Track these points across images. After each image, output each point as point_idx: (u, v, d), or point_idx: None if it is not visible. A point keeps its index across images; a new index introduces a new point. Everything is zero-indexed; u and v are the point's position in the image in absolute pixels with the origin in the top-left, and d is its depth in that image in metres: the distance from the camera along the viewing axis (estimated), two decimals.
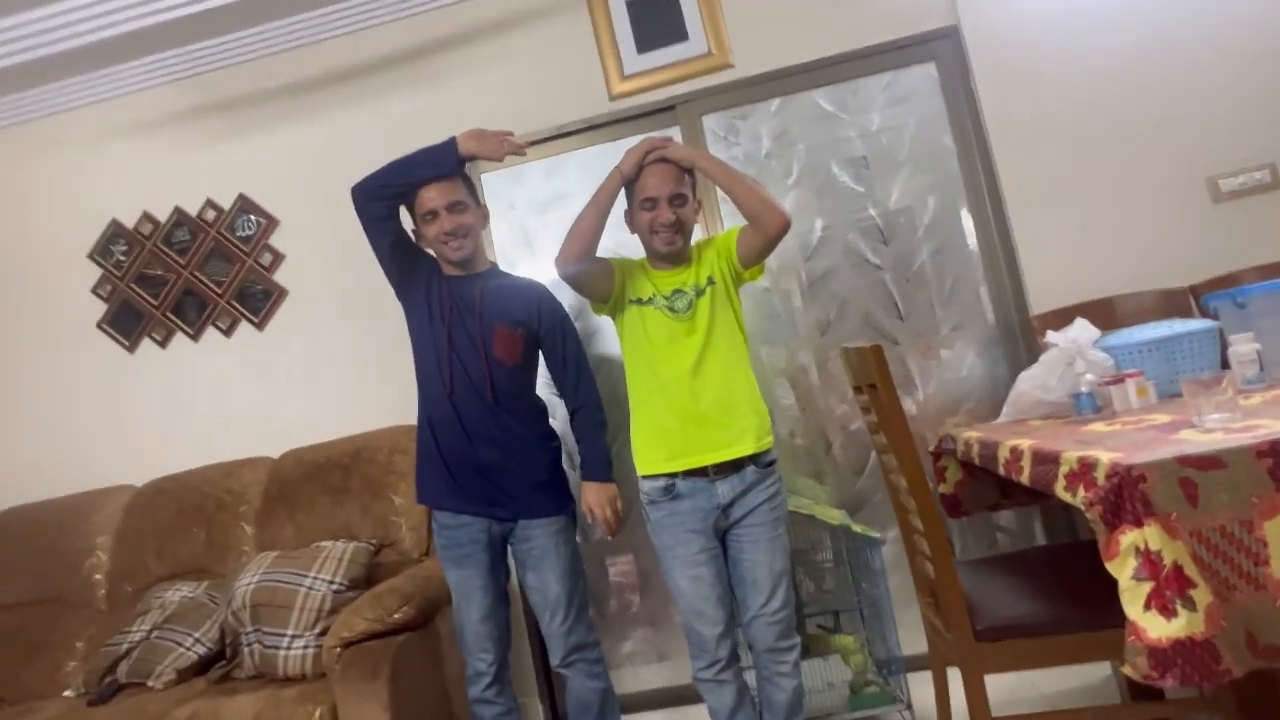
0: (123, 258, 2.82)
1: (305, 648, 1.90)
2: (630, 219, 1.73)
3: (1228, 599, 1.01)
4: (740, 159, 2.56)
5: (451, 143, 1.81)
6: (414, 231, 1.89)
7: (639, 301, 1.69)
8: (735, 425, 1.63)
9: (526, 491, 1.81)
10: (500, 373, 1.80)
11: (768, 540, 1.64)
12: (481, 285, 1.85)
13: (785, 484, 1.76)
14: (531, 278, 2.02)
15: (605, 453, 1.87)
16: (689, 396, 1.63)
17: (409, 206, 1.86)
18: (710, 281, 1.68)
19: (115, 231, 2.83)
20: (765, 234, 1.61)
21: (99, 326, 2.82)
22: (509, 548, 1.86)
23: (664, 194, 1.65)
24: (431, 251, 1.88)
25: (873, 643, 2.16)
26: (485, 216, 1.94)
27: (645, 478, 1.69)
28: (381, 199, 1.80)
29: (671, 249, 1.68)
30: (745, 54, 2.52)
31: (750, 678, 1.75)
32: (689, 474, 1.64)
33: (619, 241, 2.59)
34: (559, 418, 2.03)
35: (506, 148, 1.82)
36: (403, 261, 1.85)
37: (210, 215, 2.77)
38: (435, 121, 2.64)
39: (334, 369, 2.68)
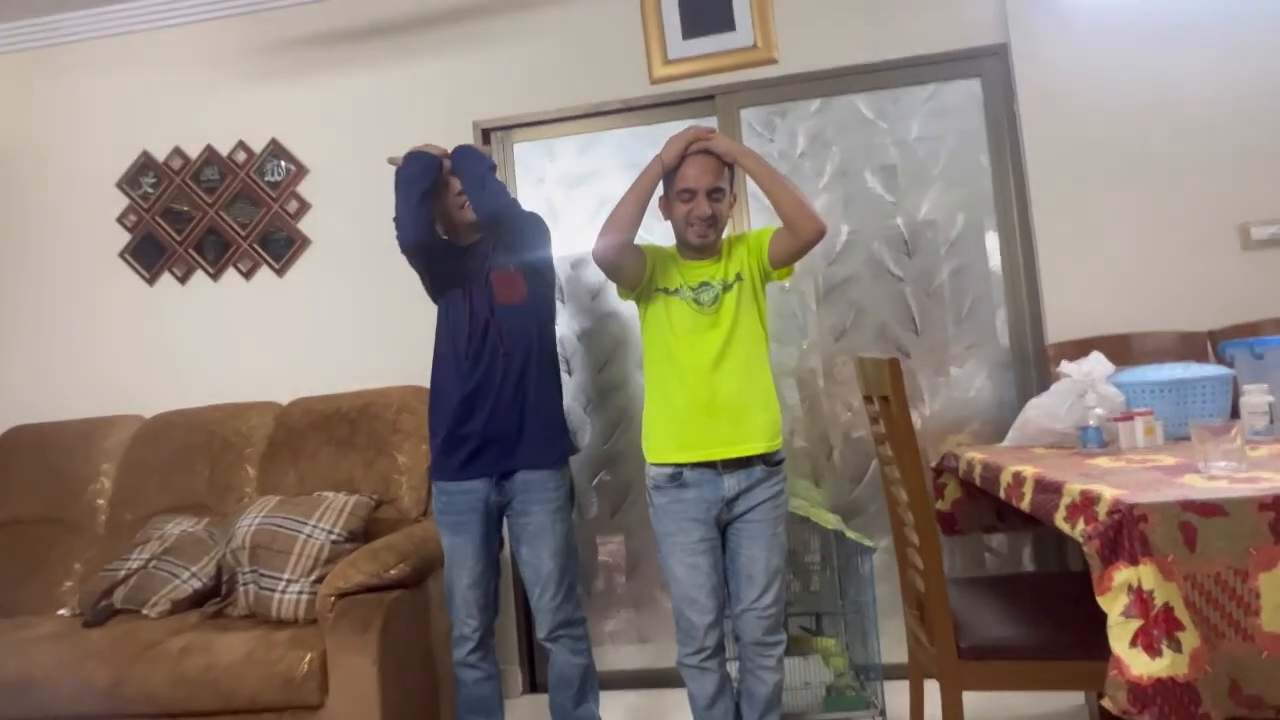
0: (150, 190, 2.84)
1: (300, 593, 1.93)
2: (665, 207, 1.74)
3: (1215, 645, 1.03)
4: (774, 156, 2.55)
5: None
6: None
7: (666, 291, 1.70)
8: (749, 423, 1.65)
9: (531, 435, 1.83)
10: (507, 316, 1.83)
11: (767, 537, 1.66)
12: (483, 251, 1.89)
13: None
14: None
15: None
16: (706, 390, 1.64)
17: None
18: (739, 278, 1.69)
19: (145, 163, 2.84)
20: (800, 239, 1.62)
21: (121, 256, 2.84)
22: (505, 520, 1.89)
23: (703, 186, 1.65)
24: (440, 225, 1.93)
25: (852, 648, 2.20)
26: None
27: (653, 464, 1.71)
28: (421, 213, 1.84)
29: (704, 241, 1.68)
30: (791, 51, 2.50)
31: (733, 669, 1.78)
32: (697, 465, 1.65)
33: (646, 228, 2.60)
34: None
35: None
36: (442, 262, 1.90)
37: (241, 157, 2.78)
38: (474, 85, 2.66)
39: (349, 323, 2.70)
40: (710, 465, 1.65)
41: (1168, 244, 2.29)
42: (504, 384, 1.81)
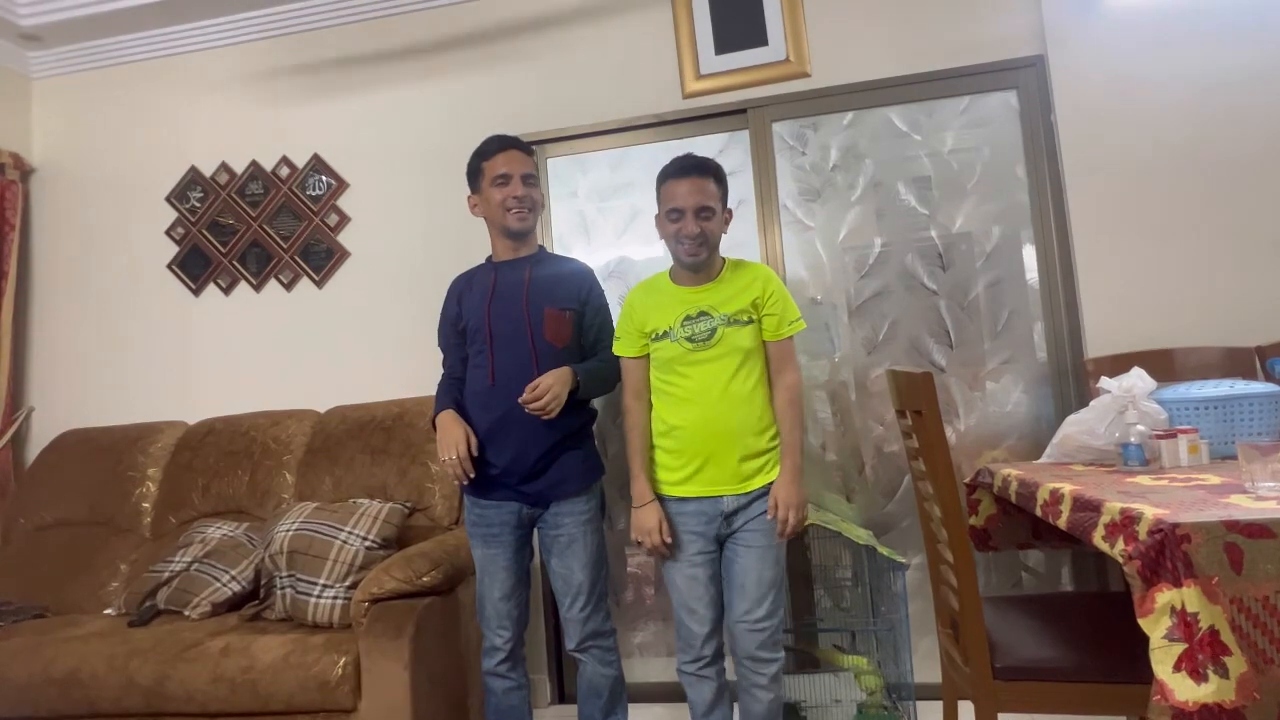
0: (198, 204, 2.94)
1: (335, 598, 1.97)
2: (660, 224, 1.75)
3: (1263, 671, 0.99)
4: (806, 169, 2.55)
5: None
6: (471, 199, 1.93)
7: (656, 336, 1.73)
8: (752, 463, 1.68)
9: (559, 469, 1.82)
10: (548, 359, 1.81)
11: (761, 549, 1.66)
12: (529, 269, 1.88)
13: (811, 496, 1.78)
14: (578, 260, 2.03)
15: (595, 371, 1.84)
16: (707, 427, 1.66)
17: (473, 177, 1.92)
18: (749, 320, 1.69)
19: (193, 178, 2.94)
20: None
21: (169, 267, 2.94)
22: (536, 531, 1.90)
23: (690, 205, 1.65)
24: (489, 216, 1.90)
25: (884, 666, 2.16)
26: (542, 205, 1.98)
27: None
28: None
29: (695, 260, 1.69)
30: (824, 64, 2.51)
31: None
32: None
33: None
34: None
35: (448, 462, 1.79)
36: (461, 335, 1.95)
37: (284, 172, 2.87)
38: (508, 101, 2.70)
39: (386, 333, 2.75)
40: None
41: (1213, 257, 2.24)
42: (533, 421, 1.77)
